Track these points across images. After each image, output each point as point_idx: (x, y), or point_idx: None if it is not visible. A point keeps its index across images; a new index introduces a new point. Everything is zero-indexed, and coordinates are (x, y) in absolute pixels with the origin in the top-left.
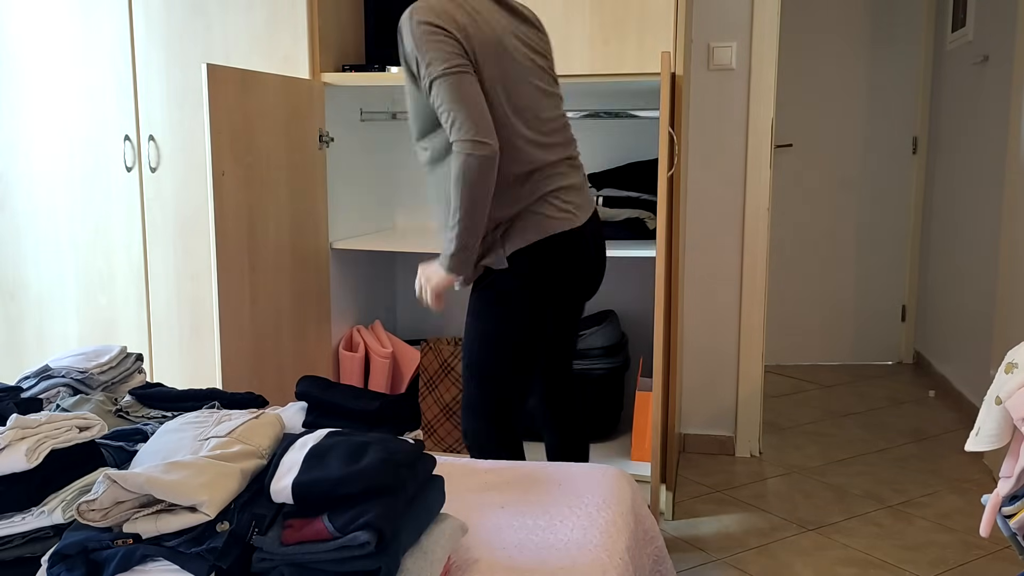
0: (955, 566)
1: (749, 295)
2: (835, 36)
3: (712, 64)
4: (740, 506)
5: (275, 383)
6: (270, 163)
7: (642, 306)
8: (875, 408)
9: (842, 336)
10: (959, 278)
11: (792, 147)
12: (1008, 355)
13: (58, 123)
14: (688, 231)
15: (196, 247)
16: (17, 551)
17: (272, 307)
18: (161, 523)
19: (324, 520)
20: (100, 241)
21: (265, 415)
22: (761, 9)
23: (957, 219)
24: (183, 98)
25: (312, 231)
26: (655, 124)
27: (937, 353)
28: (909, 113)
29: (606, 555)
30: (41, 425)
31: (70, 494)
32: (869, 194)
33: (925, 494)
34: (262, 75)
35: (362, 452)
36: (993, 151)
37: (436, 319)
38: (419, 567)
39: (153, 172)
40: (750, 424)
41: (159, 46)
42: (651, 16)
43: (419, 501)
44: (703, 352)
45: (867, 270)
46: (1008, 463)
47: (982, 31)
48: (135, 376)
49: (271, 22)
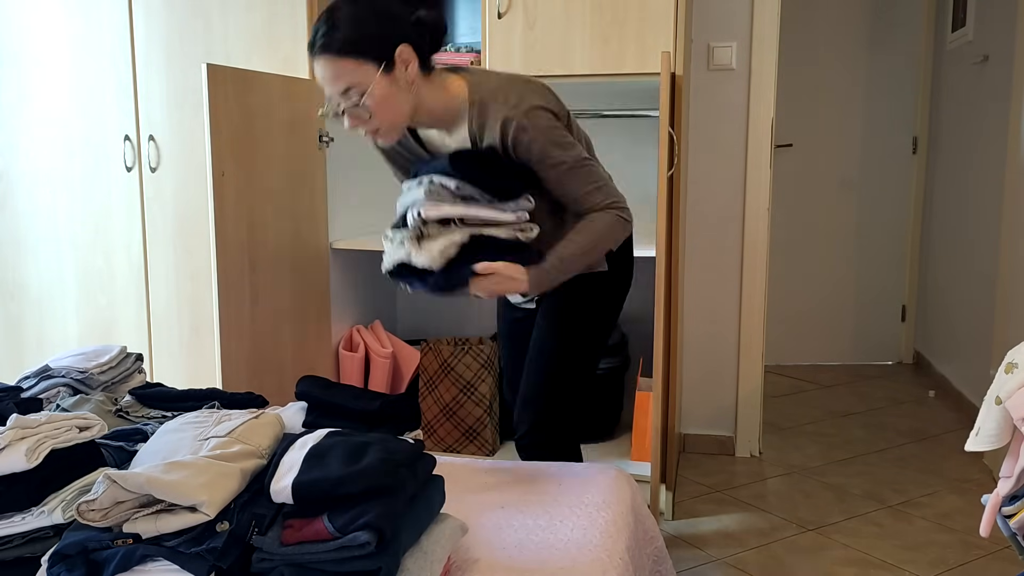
0: (955, 566)
1: (749, 295)
2: (835, 36)
3: (712, 64)
4: (740, 506)
5: (275, 383)
6: (270, 163)
7: (642, 306)
8: (875, 408)
9: (842, 336)
10: (959, 278)
11: (792, 147)
12: (1008, 355)
13: (58, 123)
14: (688, 231)
15: (196, 247)
16: (17, 551)
17: (272, 307)
18: (161, 523)
19: (324, 520)
20: (100, 241)
21: (265, 415)
22: (761, 9)
23: (957, 219)
24: (183, 98)
25: (312, 231)
26: (653, 124)
27: (937, 353)
28: (909, 113)
29: (606, 555)
30: (41, 425)
31: (70, 494)
32: (869, 194)
33: (925, 494)
34: (262, 75)
35: (362, 452)
36: (993, 151)
37: (436, 319)
38: (419, 567)
39: (153, 172)
40: (750, 424)
41: (159, 46)
42: (651, 16)
43: (419, 501)
44: (703, 352)
45: (867, 270)
46: (1008, 463)
47: (982, 31)
48: (135, 376)
49: (271, 22)
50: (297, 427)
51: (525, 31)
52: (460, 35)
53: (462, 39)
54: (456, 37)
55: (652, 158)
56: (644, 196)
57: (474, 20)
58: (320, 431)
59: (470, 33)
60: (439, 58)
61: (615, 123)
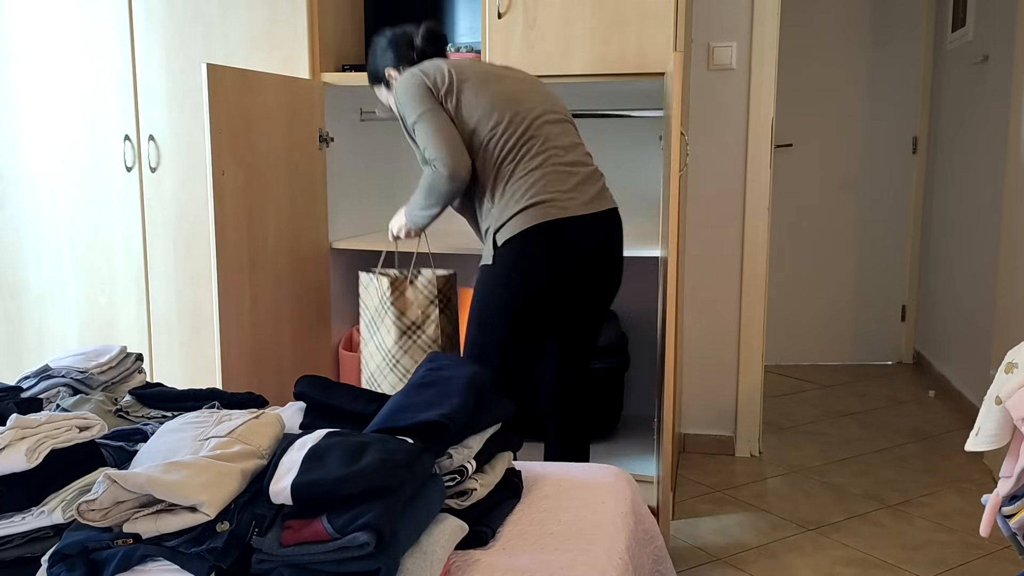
0: (955, 566)
1: (749, 295)
2: (835, 36)
3: (712, 64)
4: (740, 506)
5: (275, 383)
6: (270, 163)
7: (642, 306)
8: (875, 408)
9: (842, 336)
10: (959, 278)
11: (792, 147)
12: (1008, 355)
13: (58, 123)
14: (688, 231)
15: (196, 247)
16: (17, 551)
17: (272, 307)
18: (161, 523)
19: (323, 521)
20: (100, 241)
21: (265, 415)
22: (761, 9)
23: (957, 219)
24: (183, 98)
25: (312, 231)
26: (653, 124)
27: (937, 353)
28: (909, 113)
29: (606, 555)
30: (41, 425)
31: (70, 494)
32: (869, 194)
33: (925, 494)
34: (262, 75)
35: (361, 452)
36: (993, 151)
37: None
38: (419, 567)
39: (153, 172)
40: (750, 424)
41: (159, 46)
42: (651, 16)
43: (418, 501)
44: (703, 352)
45: (867, 270)
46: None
47: (982, 31)
48: (135, 376)
49: (271, 22)
50: (295, 427)
51: (525, 31)
52: (460, 35)
53: (462, 39)
54: (456, 37)
55: (651, 158)
56: (643, 196)
57: (474, 20)
58: (319, 431)
59: (470, 33)
60: None
61: (615, 123)
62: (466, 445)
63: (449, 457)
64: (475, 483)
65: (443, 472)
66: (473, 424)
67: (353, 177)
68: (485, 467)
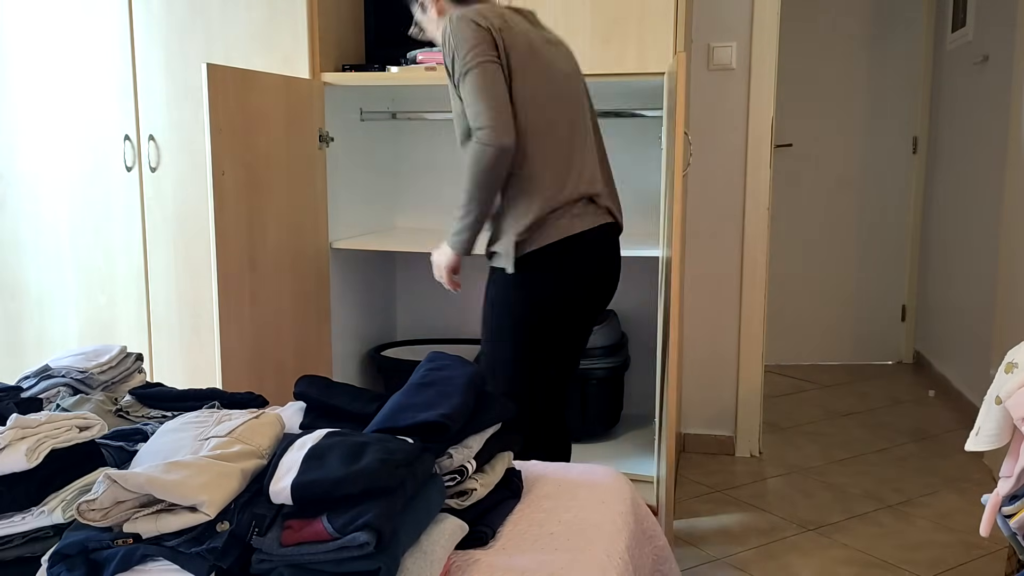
0: (955, 566)
1: (749, 295)
2: (835, 36)
3: (712, 64)
4: (740, 506)
5: (275, 383)
6: (270, 163)
7: (642, 306)
8: (875, 408)
9: (842, 336)
10: (959, 278)
11: (792, 147)
12: (1008, 355)
13: (58, 123)
14: (688, 231)
15: (196, 247)
16: (17, 551)
17: (272, 307)
18: (161, 523)
19: (323, 521)
20: (100, 241)
21: (265, 415)
22: (761, 9)
23: (957, 219)
24: (183, 98)
25: (312, 231)
26: (653, 124)
27: (937, 353)
28: (909, 113)
29: (606, 555)
30: (41, 425)
31: (70, 494)
32: (869, 194)
33: (925, 494)
34: (262, 75)
35: (361, 452)
36: (993, 151)
37: (437, 319)
38: (419, 567)
39: (153, 172)
40: (750, 424)
41: (159, 46)
42: (651, 16)
43: (418, 501)
44: (703, 352)
45: (867, 270)
46: (1008, 463)
47: (982, 31)
48: (135, 376)
49: (271, 22)
50: (295, 427)
51: None
52: None
53: None
54: None
55: (652, 158)
56: (643, 196)
57: None
58: (319, 431)
59: None
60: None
61: (615, 123)
62: (466, 445)
63: (449, 457)
64: (475, 483)
65: (443, 472)
66: (473, 424)
67: (353, 177)
68: (485, 467)
